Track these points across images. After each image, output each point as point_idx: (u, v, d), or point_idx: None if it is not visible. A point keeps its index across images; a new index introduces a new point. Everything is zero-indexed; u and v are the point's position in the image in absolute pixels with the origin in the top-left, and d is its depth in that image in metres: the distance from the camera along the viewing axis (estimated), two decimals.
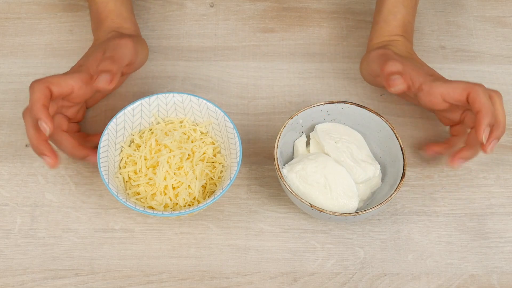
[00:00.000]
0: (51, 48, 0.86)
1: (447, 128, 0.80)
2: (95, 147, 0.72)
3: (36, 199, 0.75)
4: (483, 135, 0.67)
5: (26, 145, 0.78)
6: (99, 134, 0.72)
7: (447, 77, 0.84)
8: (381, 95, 0.82)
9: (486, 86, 0.83)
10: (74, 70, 0.73)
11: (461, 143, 0.73)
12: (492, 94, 0.70)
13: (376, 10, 0.80)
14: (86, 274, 0.70)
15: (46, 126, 0.67)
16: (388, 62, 0.72)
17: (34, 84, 0.69)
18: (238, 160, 0.69)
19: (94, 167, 0.76)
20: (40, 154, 0.68)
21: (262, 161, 0.78)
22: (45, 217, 0.73)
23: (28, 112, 0.69)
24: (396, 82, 0.70)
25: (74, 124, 0.76)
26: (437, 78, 0.73)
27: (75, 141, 0.72)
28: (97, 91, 0.75)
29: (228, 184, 0.68)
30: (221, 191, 0.68)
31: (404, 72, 0.72)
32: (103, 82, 0.70)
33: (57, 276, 0.70)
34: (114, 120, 0.72)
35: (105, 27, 0.78)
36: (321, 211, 0.67)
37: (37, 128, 0.68)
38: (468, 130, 0.73)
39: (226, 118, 0.72)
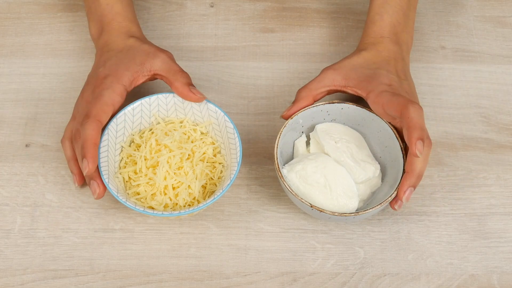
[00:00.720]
0: (51, 48, 0.86)
1: (446, 128, 0.80)
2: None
3: (36, 199, 0.75)
4: (416, 149, 0.66)
5: (26, 145, 0.78)
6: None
7: (447, 77, 0.84)
8: None
9: (486, 86, 0.83)
10: (103, 86, 0.72)
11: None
12: (424, 138, 0.68)
13: (368, 10, 0.80)
14: (86, 274, 0.70)
15: (86, 167, 0.68)
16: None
17: (85, 123, 0.69)
18: (238, 160, 0.69)
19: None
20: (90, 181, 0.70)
21: (262, 161, 0.78)
22: (45, 217, 0.73)
23: (68, 142, 0.72)
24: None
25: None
26: (392, 89, 0.72)
27: (95, 163, 0.71)
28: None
29: (228, 184, 0.68)
30: (221, 191, 0.68)
31: (347, 83, 0.74)
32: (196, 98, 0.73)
33: (57, 276, 0.70)
34: (114, 120, 0.72)
35: (113, 31, 0.76)
36: (321, 211, 0.67)
37: (76, 160, 0.72)
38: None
39: (226, 118, 0.72)
